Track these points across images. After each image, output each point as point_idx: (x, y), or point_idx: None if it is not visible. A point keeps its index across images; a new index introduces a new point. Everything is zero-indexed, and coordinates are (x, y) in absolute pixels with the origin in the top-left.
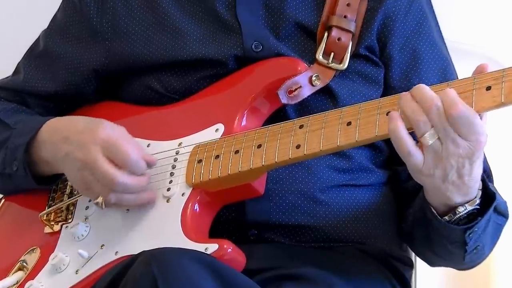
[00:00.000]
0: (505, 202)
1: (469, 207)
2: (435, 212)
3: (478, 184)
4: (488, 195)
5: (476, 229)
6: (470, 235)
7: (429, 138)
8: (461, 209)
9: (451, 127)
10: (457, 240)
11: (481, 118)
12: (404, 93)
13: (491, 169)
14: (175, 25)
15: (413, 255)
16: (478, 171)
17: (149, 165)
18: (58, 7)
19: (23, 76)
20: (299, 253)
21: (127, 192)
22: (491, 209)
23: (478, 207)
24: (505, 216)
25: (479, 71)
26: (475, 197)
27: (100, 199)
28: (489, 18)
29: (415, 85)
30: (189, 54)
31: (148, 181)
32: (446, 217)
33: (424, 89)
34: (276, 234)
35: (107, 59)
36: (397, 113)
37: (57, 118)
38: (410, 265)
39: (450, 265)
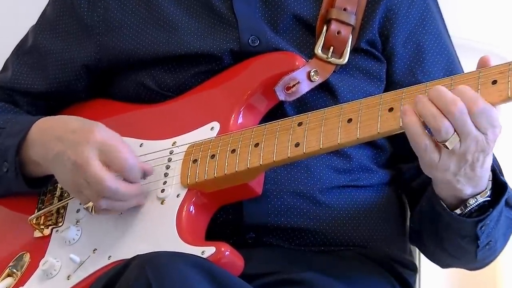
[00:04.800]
0: None
1: (480, 199)
2: (444, 205)
3: (488, 175)
4: (499, 186)
5: (488, 222)
6: (482, 228)
7: (451, 143)
8: (472, 201)
9: (473, 123)
10: (468, 234)
11: None
12: (420, 96)
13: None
14: (169, 18)
15: (417, 259)
16: (489, 162)
17: (145, 174)
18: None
19: (11, 73)
20: (299, 257)
21: (117, 199)
22: (503, 200)
23: (489, 198)
24: None
25: (483, 63)
26: (486, 188)
27: (90, 204)
28: (495, 14)
29: (419, 80)
30: (183, 49)
31: (139, 191)
32: (457, 211)
33: (443, 92)
34: (275, 237)
35: (98, 54)
36: (410, 107)
37: (48, 117)
38: (414, 270)
39: (461, 265)
